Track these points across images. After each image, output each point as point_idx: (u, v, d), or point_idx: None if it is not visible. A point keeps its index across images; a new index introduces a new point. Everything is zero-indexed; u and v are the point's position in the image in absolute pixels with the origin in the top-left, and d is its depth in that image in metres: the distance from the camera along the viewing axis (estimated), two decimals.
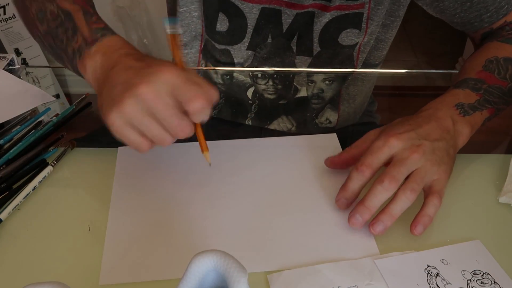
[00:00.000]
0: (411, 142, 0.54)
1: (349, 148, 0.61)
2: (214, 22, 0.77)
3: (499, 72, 0.65)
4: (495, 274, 0.50)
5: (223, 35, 0.78)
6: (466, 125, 0.59)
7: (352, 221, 0.52)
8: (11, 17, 1.86)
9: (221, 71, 0.83)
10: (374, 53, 0.81)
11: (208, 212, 0.57)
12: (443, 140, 0.56)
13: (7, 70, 0.79)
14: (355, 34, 0.76)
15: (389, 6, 0.75)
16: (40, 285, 0.35)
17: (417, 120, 0.57)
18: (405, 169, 0.52)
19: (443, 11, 0.74)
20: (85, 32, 0.56)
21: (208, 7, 0.76)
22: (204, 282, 0.36)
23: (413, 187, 0.52)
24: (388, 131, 0.55)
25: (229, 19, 0.76)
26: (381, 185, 0.51)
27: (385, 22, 0.77)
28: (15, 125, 0.69)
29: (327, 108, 0.83)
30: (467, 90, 0.62)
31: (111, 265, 0.51)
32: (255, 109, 0.83)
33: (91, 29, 0.56)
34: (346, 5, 0.73)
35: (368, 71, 0.84)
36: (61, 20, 0.58)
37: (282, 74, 0.81)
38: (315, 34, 0.76)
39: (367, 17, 0.74)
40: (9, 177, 0.60)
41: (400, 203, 0.51)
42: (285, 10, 0.74)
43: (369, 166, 0.53)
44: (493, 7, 0.70)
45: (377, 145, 0.54)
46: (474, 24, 0.73)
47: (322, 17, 0.74)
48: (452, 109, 0.59)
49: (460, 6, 0.71)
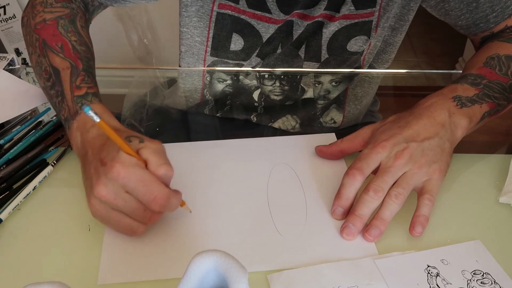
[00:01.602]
0: (396, 148, 0.55)
1: (340, 140, 0.62)
2: (227, 43, 0.77)
3: (500, 69, 0.65)
4: (495, 274, 0.50)
5: (237, 53, 0.78)
6: (464, 116, 0.59)
7: (346, 232, 0.53)
8: (11, 17, 1.86)
9: (226, 74, 0.82)
10: (382, 56, 0.81)
11: (208, 212, 0.57)
12: (435, 137, 0.56)
13: (7, 70, 0.79)
14: (364, 41, 0.76)
15: (399, 10, 0.75)
16: (40, 285, 0.35)
17: (408, 119, 0.58)
18: (389, 178, 0.54)
19: (448, 13, 0.73)
20: (69, 101, 0.58)
21: (220, 29, 0.75)
22: (204, 282, 0.36)
23: (398, 192, 0.53)
24: (376, 139, 0.57)
25: (244, 38, 0.76)
26: (367, 195, 0.53)
27: (394, 26, 0.77)
28: (15, 125, 0.69)
29: (332, 108, 0.83)
30: (465, 84, 0.62)
31: (110, 265, 0.51)
32: (261, 111, 0.83)
33: (73, 98, 0.58)
34: (354, 14, 0.73)
35: (371, 71, 0.84)
36: (52, 81, 0.60)
37: (289, 75, 0.81)
38: (324, 42, 0.76)
39: (376, 24, 0.74)
40: (9, 177, 0.60)
41: (388, 207, 0.53)
42: (297, 21, 0.75)
43: (360, 170, 0.55)
44: (499, 6, 0.70)
45: (365, 153, 0.56)
46: (480, 25, 0.72)
47: (330, 26, 0.74)
48: (449, 101, 0.59)
49: (466, 7, 0.71)
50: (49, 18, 0.65)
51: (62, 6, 0.67)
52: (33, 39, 0.65)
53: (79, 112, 0.56)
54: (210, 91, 0.83)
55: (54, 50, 0.62)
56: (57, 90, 0.59)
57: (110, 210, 0.49)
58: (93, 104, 0.56)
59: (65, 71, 0.60)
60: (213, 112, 0.85)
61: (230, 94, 0.83)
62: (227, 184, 0.61)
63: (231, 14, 0.74)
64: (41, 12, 0.66)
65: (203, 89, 0.84)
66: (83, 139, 0.54)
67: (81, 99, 0.57)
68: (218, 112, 0.84)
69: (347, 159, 0.63)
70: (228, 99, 0.83)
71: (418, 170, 0.54)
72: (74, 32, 0.65)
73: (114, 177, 0.47)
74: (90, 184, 0.49)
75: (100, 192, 0.48)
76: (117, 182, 0.47)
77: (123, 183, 0.47)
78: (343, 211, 0.55)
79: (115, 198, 0.48)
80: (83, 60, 0.61)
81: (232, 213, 0.57)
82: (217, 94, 0.83)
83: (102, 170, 0.48)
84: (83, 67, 0.60)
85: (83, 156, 0.54)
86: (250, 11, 0.73)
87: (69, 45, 0.62)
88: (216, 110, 0.84)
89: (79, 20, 0.67)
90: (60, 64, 0.60)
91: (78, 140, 0.55)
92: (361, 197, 0.54)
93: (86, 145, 0.53)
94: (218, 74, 0.82)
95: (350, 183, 0.55)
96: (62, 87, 0.59)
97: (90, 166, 0.51)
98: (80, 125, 0.55)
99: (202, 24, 0.76)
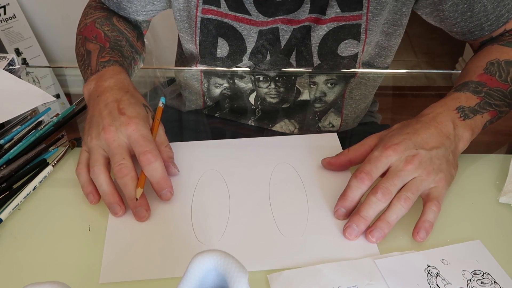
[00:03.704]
0: (407, 153, 0.55)
1: (347, 150, 0.61)
2: (213, 49, 0.77)
3: (500, 75, 0.65)
4: (495, 274, 0.50)
5: (223, 61, 0.78)
6: (467, 129, 0.59)
7: (349, 231, 0.53)
8: (11, 17, 1.86)
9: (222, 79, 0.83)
10: (378, 60, 0.81)
11: (208, 212, 0.57)
12: (442, 147, 0.56)
13: (8, 70, 0.79)
14: (354, 45, 0.75)
15: (391, 16, 0.75)
16: (40, 285, 0.35)
17: (415, 127, 0.58)
18: (398, 181, 0.53)
19: (443, 21, 0.73)
20: (93, 66, 0.68)
21: (206, 35, 0.76)
22: (204, 282, 0.36)
23: (407, 196, 0.53)
24: (385, 142, 0.56)
25: (229, 42, 0.76)
26: (375, 196, 0.53)
27: (388, 31, 0.76)
28: (15, 125, 0.69)
29: (330, 112, 0.83)
30: (468, 93, 0.62)
31: (112, 263, 0.51)
32: (258, 114, 0.83)
33: (97, 63, 0.68)
34: (341, 17, 0.72)
35: (370, 71, 0.83)
36: (84, 59, 0.71)
37: (284, 77, 0.81)
38: (314, 47, 0.75)
39: (365, 28, 0.73)
40: (9, 177, 0.60)
41: (395, 210, 0.52)
42: (282, 26, 0.74)
43: (368, 174, 0.54)
44: (494, 15, 0.70)
45: (375, 155, 0.55)
46: (475, 33, 0.72)
47: (318, 30, 0.74)
48: (453, 113, 0.59)
49: (461, 16, 0.71)
50: (89, 21, 0.77)
51: (99, 12, 0.79)
52: (77, 41, 0.76)
53: (100, 70, 0.66)
54: (209, 97, 0.84)
55: (90, 39, 0.73)
56: (86, 63, 0.70)
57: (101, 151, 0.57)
58: (114, 65, 0.67)
59: (95, 51, 0.70)
60: (212, 112, 0.85)
61: (228, 97, 0.83)
62: (228, 184, 0.61)
63: (215, 18, 0.74)
64: (83, 21, 0.79)
65: (204, 96, 0.84)
66: (98, 85, 0.64)
67: (103, 63, 0.67)
68: (217, 113, 0.85)
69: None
70: (227, 102, 0.84)
71: (427, 177, 0.54)
72: (109, 24, 0.76)
73: (127, 130, 0.57)
74: (100, 123, 0.58)
75: (108, 133, 0.57)
76: (126, 132, 0.57)
77: (130, 134, 0.56)
78: (345, 212, 0.55)
79: (114, 140, 0.56)
80: (111, 41, 0.72)
81: (233, 213, 0.57)
82: (216, 98, 0.84)
83: (118, 118, 0.58)
84: (110, 45, 0.71)
85: (94, 98, 0.62)
86: (231, 13, 0.74)
87: (102, 34, 0.73)
88: (215, 111, 0.85)
89: (115, 17, 0.78)
90: (92, 47, 0.71)
91: (92, 86, 0.65)
92: (368, 198, 0.53)
93: (100, 89, 0.63)
94: (214, 79, 0.82)
95: (357, 186, 0.54)
96: (90, 60, 0.70)
97: (105, 107, 0.59)
98: (97, 76, 0.66)
99: (191, 31, 0.77)
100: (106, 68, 0.66)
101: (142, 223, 0.55)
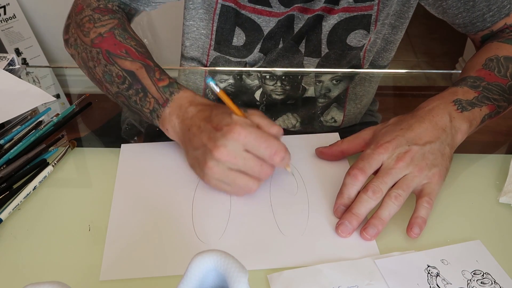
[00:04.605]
0: (399, 150, 0.55)
1: (340, 141, 0.62)
2: (230, 38, 0.77)
3: (499, 70, 0.65)
4: (495, 274, 0.50)
5: (239, 50, 0.78)
6: (464, 120, 0.59)
7: (341, 228, 0.53)
8: (11, 17, 1.86)
9: (227, 74, 0.83)
10: (383, 54, 0.82)
11: (208, 211, 0.57)
12: (436, 141, 0.56)
13: (8, 70, 0.79)
14: (363, 35, 0.76)
15: (399, 8, 0.75)
16: (40, 285, 0.35)
17: (410, 122, 0.58)
18: (389, 179, 0.54)
19: (445, 11, 0.74)
20: (154, 93, 0.61)
21: (224, 22, 0.76)
22: (204, 282, 0.36)
23: (398, 193, 0.53)
24: (378, 140, 0.57)
25: (246, 33, 0.76)
26: (365, 194, 0.54)
27: (395, 24, 0.77)
28: (15, 125, 0.69)
29: (333, 107, 0.83)
30: (465, 87, 0.62)
31: (112, 261, 0.51)
32: (262, 110, 0.83)
33: (158, 89, 0.61)
34: (354, 7, 0.73)
35: (371, 71, 0.84)
36: (128, 82, 0.63)
37: (290, 76, 0.81)
38: (324, 35, 0.76)
39: (375, 18, 0.74)
40: (9, 177, 0.60)
41: (387, 207, 0.53)
42: (298, 14, 0.75)
43: (361, 170, 0.55)
44: (496, 6, 0.70)
45: (367, 153, 0.56)
46: (476, 24, 0.73)
47: (330, 19, 0.74)
48: (450, 105, 0.60)
49: (463, 5, 0.71)
50: (104, 31, 0.67)
51: (110, 18, 0.69)
52: (93, 54, 0.67)
53: (170, 99, 0.60)
54: (212, 91, 0.84)
55: (120, 56, 0.64)
56: (136, 89, 0.62)
57: (228, 171, 0.54)
58: (183, 90, 0.61)
59: (139, 71, 0.63)
60: None
61: (232, 93, 0.83)
62: None
63: (234, 7, 0.74)
64: (93, 29, 0.68)
65: (205, 89, 0.84)
66: (183, 119, 0.59)
67: (168, 88, 0.61)
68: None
69: (350, 159, 0.63)
70: (230, 98, 0.84)
71: (419, 173, 0.54)
72: (131, 38, 0.67)
73: (235, 138, 0.53)
74: (205, 152, 0.55)
75: (221, 153, 0.53)
76: (238, 141, 0.53)
77: (244, 142, 0.53)
78: (345, 210, 0.55)
79: (236, 157, 0.53)
80: (150, 59, 0.65)
81: (234, 212, 0.57)
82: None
83: (219, 135, 0.53)
84: (154, 64, 0.64)
85: (184, 133, 0.59)
86: (251, 5, 0.74)
87: (132, 49, 0.65)
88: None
89: (128, 27, 0.70)
90: (132, 66, 0.63)
91: (175, 122, 0.59)
92: (359, 196, 0.54)
93: (188, 122, 0.58)
94: (219, 75, 0.82)
95: (352, 183, 0.55)
96: (142, 84, 0.62)
97: (200, 137, 0.56)
98: (173, 109, 0.60)
99: (207, 17, 0.77)
100: (175, 95, 0.60)
101: (142, 220, 0.55)
